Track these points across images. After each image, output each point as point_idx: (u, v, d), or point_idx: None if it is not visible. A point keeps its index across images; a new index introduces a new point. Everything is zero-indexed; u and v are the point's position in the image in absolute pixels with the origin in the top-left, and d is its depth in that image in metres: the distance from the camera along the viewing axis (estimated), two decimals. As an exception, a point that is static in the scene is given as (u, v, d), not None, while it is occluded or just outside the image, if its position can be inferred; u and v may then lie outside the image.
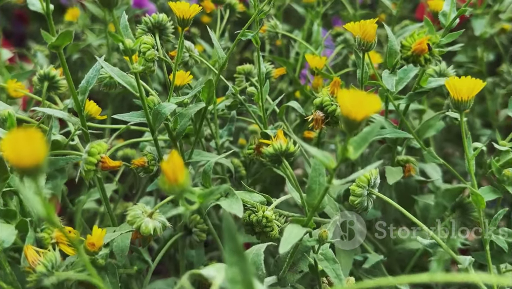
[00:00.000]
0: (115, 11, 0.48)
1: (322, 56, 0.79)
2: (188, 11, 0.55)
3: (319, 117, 0.65)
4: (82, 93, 0.55)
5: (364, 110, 0.38)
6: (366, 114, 0.38)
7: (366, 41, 0.57)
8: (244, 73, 0.75)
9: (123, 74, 0.54)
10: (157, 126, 0.58)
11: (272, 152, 0.51)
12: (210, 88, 0.63)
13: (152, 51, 0.63)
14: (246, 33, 0.61)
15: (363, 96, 0.38)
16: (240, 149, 0.85)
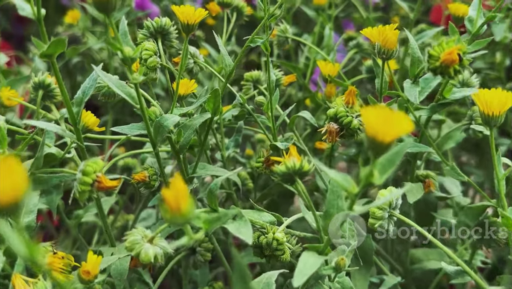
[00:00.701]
0: (113, 16, 0.43)
1: (335, 63, 0.74)
2: (193, 16, 0.50)
3: (333, 130, 0.61)
4: (78, 105, 0.51)
5: (393, 131, 0.33)
6: (396, 136, 0.33)
7: (387, 48, 0.53)
8: (252, 80, 0.70)
9: (122, 84, 0.49)
10: (159, 140, 0.54)
11: (284, 171, 0.46)
12: (216, 98, 0.58)
13: (154, 59, 0.58)
14: (256, 39, 0.57)
15: (391, 115, 0.34)
16: (247, 160, 0.81)
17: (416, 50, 0.55)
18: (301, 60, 0.93)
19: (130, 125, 0.56)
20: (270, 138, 0.65)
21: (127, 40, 0.48)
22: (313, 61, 0.86)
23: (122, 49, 0.45)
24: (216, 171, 0.63)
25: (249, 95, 0.70)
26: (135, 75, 0.47)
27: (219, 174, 0.63)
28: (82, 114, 0.55)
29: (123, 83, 0.50)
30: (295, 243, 0.56)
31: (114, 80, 0.49)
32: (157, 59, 0.59)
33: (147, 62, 0.58)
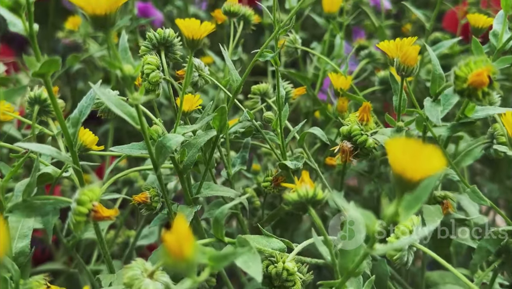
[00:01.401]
0: (112, 31, 0.40)
1: (348, 75, 0.70)
2: (198, 30, 0.47)
3: (346, 149, 0.57)
4: (74, 125, 0.47)
5: (423, 169, 0.30)
6: (426, 174, 0.30)
7: (406, 65, 0.49)
8: (259, 93, 0.67)
9: (121, 103, 0.46)
10: (161, 161, 0.50)
11: (296, 199, 0.43)
12: (223, 115, 0.55)
13: (156, 73, 0.55)
14: (265, 54, 0.53)
15: (420, 150, 0.30)
16: (254, 175, 0.77)
17: (438, 67, 0.51)
18: (309, 69, 0.89)
19: (130, 145, 0.53)
20: (279, 157, 0.61)
21: (127, 57, 0.44)
22: (323, 71, 0.82)
23: (122, 68, 0.42)
24: (222, 191, 0.60)
25: (257, 109, 0.67)
26: (135, 95, 0.43)
27: (226, 194, 0.59)
28: (79, 132, 0.51)
29: (123, 102, 0.46)
30: (306, 270, 0.53)
31: (113, 99, 0.46)
32: (159, 74, 0.55)
33: (149, 77, 0.55)
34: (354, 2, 0.90)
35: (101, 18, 0.38)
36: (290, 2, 0.85)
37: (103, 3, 0.37)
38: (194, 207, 0.57)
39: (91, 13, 0.38)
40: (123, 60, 0.44)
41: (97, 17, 0.38)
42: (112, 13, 0.38)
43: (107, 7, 0.38)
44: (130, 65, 0.43)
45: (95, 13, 0.38)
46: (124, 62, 0.44)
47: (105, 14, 0.38)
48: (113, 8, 0.38)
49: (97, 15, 0.38)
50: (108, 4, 0.37)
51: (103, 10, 0.38)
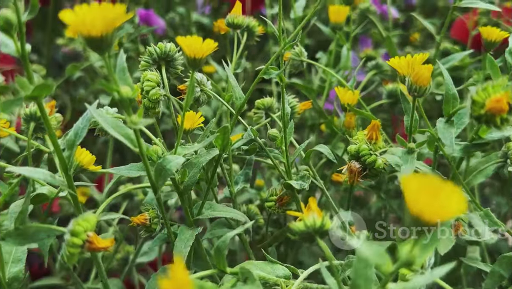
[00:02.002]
0: (108, 53, 0.38)
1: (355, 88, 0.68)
2: (200, 49, 0.44)
3: (355, 169, 0.55)
4: (69, 148, 0.45)
5: (443, 212, 0.27)
6: (446, 218, 0.27)
7: (419, 86, 0.47)
8: (263, 108, 0.64)
9: (119, 125, 0.43)
10: (161, 184, 0.48)
11: (303, 230, 0.40)
12: (225, 134, 0.53)
13: (156, 91, 0.53)
14: (270, 71, 0.51)
15: (440, 189, 0.28)
16: (257, 190, 0.75)
17: (451, 86, 0.49)
18: (315, 80, 0.87)
19: (129, 166, 0.51)
20: (284, 175, 0.59)
21: (125, 77, 0.42)
22: (329, 83, 0.80)
23: (119, 90, 0.40)
24: (225, 212, 0.57)
25: (260, 124, 0.64)
26: (134, 118, 0.41)
27: (229, 215, 0.57)
28: (76, 151, 0.49)
29: (120, 123, 0.44)
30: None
31: (109, 120, 0.43)
32: (160, 91, 0.53)
33: (149, 94, 0.53)
34: (360, 11, 0.88)
35: (97, 40, 0.36)
36: (296, 12, 0.83)
37: (99, 24, 0.35)
38: (195, 230, 0.54)
39: (86, 34, 0.36)
40: (120, 81, 0.42)
41: (92, 39, 0.36)
42: (108, 34, 0.36)
43: (103, 28, 0.35)
44: (128, 87, 0.41)
45: (90, 35, 0.35)
46: (122, 83, 0.41)
47: (101, 35, 0.36)
48: (109, 29, 0.36)
49: (93, 37, 0.36)
50: (105, 25, 0.35)
51: (98, 31, 0.35)
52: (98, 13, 0.35)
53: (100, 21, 0.35)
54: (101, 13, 0.35)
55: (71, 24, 0.35)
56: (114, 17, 0.35)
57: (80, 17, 0.35)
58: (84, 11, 0.35)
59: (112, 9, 0.35)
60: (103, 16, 0.35)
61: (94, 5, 0.35)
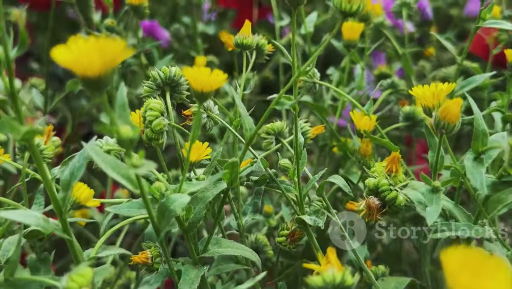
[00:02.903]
0: (105, 93, 0.34)
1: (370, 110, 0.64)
2: (208, 83, 0.40)
3: (373, 206, 0.51)
4: (65, 189, 0.41)
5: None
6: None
7: (447, 122, 0.43)
8: (274, 133, 0.60)
9: (118, 165, 0.40)
10: (164, 226, 0.44)
11: (321, 286, 0.37)
12: (234, 168, 0.49)
13: (160, 120, 0.49)
14: (283, 101, 0.47)
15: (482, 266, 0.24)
16: (266, 218, 0.71)
17: (481, 122, 0.45)
18: (326, 98, 0.83)
19: (129, 204, 0.47)
20: (296, 210, 0.55)
21: (126, 114, 0.38)
22: (341, 102, 0.76)
23: (118, 131, 0.36)
24: (233, 248, 0.53)
25: (271, 150, 0.60)
26: (135, 160, 0.37)
27: (237, 253, 0.53)
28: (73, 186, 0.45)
29: (119, 162, 0.40)
30: None
31: (108, 160, 0.39)
32: (164, 120, 0.49)
33: (152, 125, 0.49)
34: (374, 26, 0.84)
35: (94, 80, 0.32)
36: (306, 27, 0.79)
37: (97, 64, 0.31)
38: (201, 269, 0.51)
39: (82, 74, 0.32)
40: (120, 119, 0.38)
41: (89, 79, 0.32)
42: (107, 74, 0.32)
43: (101, 68, 0.31)
44: (129, 126, 0.37)
45: (87, 76, 0.32)
46: (122, 121, 0.38)
47: (99, 75, 0.32)
48: (108, 69, 0.32)
49: (89, 78, 0.32)
50: (103, 64, 0.31)
51: (96, 71, 0.32)
52: (95, 52, 0.31)
53: (98, 60, 0.31)
54: (99, 51, 0.31)
55: (65, 64, 0.31)
56: (114, 56, 0.31)
57: (75, 56, 0.31)
58: (80, 48, 0.31)
59: (112, 46, 0.31)
60: (102, 55, 0.31)
61: (92, 40, 0.32)
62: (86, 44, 0.31)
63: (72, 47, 0.32)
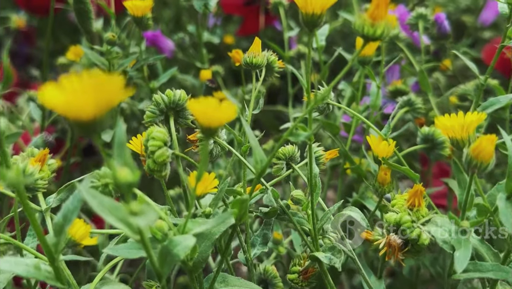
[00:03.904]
0: (101, 136, 0.30)
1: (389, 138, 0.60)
2: (216, 117, 0.36)
3: (395, 244, 0.47)
4: (57, 234, 0.37)
5: None
6: None
7: (480, 161, 0.38)
8: (285, 158, 0.56)
9: (117, 207, 0.35)
10: (166, 271, 0.40)
11: None
12: (243, 204, 0.45)
13: (163, 151, 0.45)
14: (298, 133, 0.43)
15: None
16: (275, 245, 0.67)
17: (517, 159, 0.41)
18: (338, 115, 0.79)
19: (128, 244, 0.43)
20: (310, 246, 0.51)
21: (124, 154, 0.34)
22: (355, 121, 0.72)
23: (116, 175, 0.32)
24: (240, 286, 0.49)
25: (281, 177, 0.56)
26: (134, 207, 0.33)
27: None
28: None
29: (118, 205, 0.36)
30: None
31: (106, 202, 0.35)
32: (167, 151, 0.45)
33: (155, 156, 0.45)
34: (389, 39, 0.79)
35: (88, 124, 0.28)
36: (318, 41, 0.75)
37: (91, 107, 0.27)
38: (207, 310, 0.47)
39: (74, 118, 0.28)
40: (118, 159, 0.34)
41: (82, 123, 0.28)
42: (102, 116, 0.28)
43: (96, 111, 0.27)
44: (127, 169, 0.33)
45: (80, 119, 0.28)
46: (120, 161, 0.34)
47: (94, 118, 0.28)
48: (103, 111, 0.28)
49: (82, 121, 0.28)
50: (98, 107, 0.27)
51: (90, 115, 0.27)
52: (90, 93, 0.27)
53: (93, 102, 0.27)
54: (95, 92, 0.27)
55: (55, 106, 0.27)
56: (111, 97, 0.27)
57: (67, 98, 0.27)
58: (73, 88, 0.27)
59: (109, 85, 0.27)
60: (97, 96, 0.27)
61: (86, 79, 0.28)
62: (80, 83, 0.27)
63: (65, 87, 0.28)
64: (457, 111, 0.83)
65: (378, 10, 0.37)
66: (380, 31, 0.38)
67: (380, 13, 0.38)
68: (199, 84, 0.90)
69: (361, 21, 0.38)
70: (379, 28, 0.38)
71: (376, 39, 0.38)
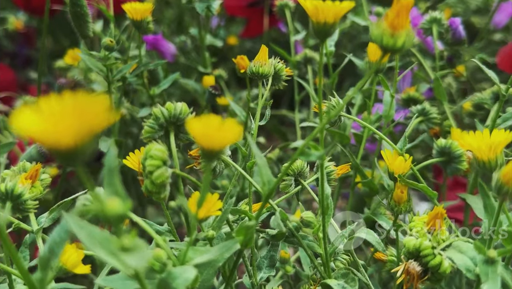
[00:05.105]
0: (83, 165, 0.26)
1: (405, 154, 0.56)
2: (218, 139, 0.32)
3: (414, 272, 0.43)
4: (42, 268, 0.33)
5: None
6: None
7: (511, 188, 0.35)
8: (293, 174, 0.53)
9: (107, 239, 0.32)
10: (165, 307, 0.36)
11: None
12: (249, 230, 0.41)
13: (162, 172, 0.41)
14: (309, 152, 0.39)
15: None
16: (282, 264, 0.63)
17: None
18: (348, 124, 0.75)
19: (123, 276, 0.39)
20: (321, 272, 0.47)
21: (114, 183, 0.30)
22: (367, 131, 0.68)
23: (104, 208, 0.28)
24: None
25: (290, 194, 0.53)
26: (126, 243, 0.29)
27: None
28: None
29: (109, 237, 0.32)
30: None
31: (96, 235, 0.32)
32: (167, 171, 0.41)
33: (153, 177, 0.41)
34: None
35: (68, 153, 0.24)
36: (327, 46, 0.71)
37: (70, 133, 0.23)
38: None
39: (53, 146, 0.24)
40: (108, 188, 0.30)
41: (61, 152, 0.24)
42: (85, 144, 0.24)
43: (77, 137, 0.24)
44: (118, 199, 0.29)
45: (59, 146, 0.24)
46: (110, 191, 0.30)
47: (75, 147, 0.24)
48: (85, 138, 0.24)
49: (62, 149, 0.24)
50: (78, 133, 0.24)
51: (70, 142, 0.24)
52: (70, 117, 0.23)
53: (73, 129, 0.23)
54: (76, 116, 0.23)
55: (30, 134, 0.23)
56: (94, 122, 0.24)
57: (45, 124, 0.23)
58: (52, 111, 0.24)
59: (92, 108, 0.24)
60: (78, 122, 0.23)
61: (66, 102, 0.24)
62: (61, 106, 0.24)
63: (42, 110, 0.24)
64: (471, 119, 0.80)
65: (398, 18, 0.34)
66: (401, 43, 0.34)
67: (401, 22, 0.34)
68: (201, 90, 0.87)
69: (380, 31, 0.34)
70: (399, 38, 0.34)
71: (396, 51, 0.35)
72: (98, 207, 0.28)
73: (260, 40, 1.14)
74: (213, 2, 0.79)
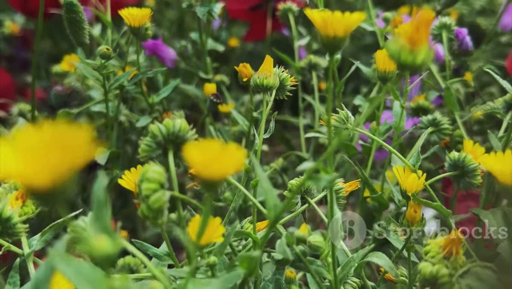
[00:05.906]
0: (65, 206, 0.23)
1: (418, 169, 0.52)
2: (219, 167, 0.29)
3: (430, 302, 0.40)
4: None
5: None
6: None
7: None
8: (299, 191, 0.50)
9: (96, 279, 0.29)
10: None
11: None
12: (253, 260, 0.38)
13: (159, 196, 0.38)
14: (318, 177, 0.36)
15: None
16: (288, 285, 0.60)
17: None
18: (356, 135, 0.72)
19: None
20: (329, 299, 0.44)
21: (103, 217, 0.27)
22: (375, 144, 0.65)
23: (90, 246, 0.25)
24: None
25: (296, 213, 0.50)
26: (115, 284, 0.26)
27: None
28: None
29: (98, 274, 0.29)
30: None
31: (84, 271, 0.28)
32: (165, 195, 0.38)
33: (149, 202, 0.38)
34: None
35: (46, 193, 0.21)
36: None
37: (47, 172, 0.20)
38: None
39: (28, 187, 0.21)
40: (96, 223, 0.27)
41: (38, 192, 0.21)
42: (65, 182, 0.21)
43: (55, 176, 0.21)
44: (106, 236, 0.26)
45: (35, 187, 0.21)
46: (98, 227, 0.27)
47: (53, 186, 0.21)
48: (65, 177, 0.21)
49: (38, 190, 0.21)
50: (56, 172, 0.21)
51: (47, 182, 0.21)
52: (49, 153, 0.20)
53: (52, 166, 0.20)
54: (55, 152, 0.20)
55: (6, 175, 0.20)
56: (75, 157, 0.21)
57: (20, 164, 0.20)
58: (29, 146, 0.21)
59: (73, 141, 0.21)
60: (58, 158, 0.20)
61: (45, 132, 0.21)
62: (36, 140, 0.21)
63: (17, 142, 0.21)
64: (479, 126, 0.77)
65: (418, 33, 0.30)
66: (421, 59, 0.31)
67: (421, 37, 0.31)
68: (202, 97, 0.83)
69: (397, 46, 0.31)
70: (419, 55, 0.31)
71: (415, 68, 0.31)
72: (85, 247, 0.25)
73: (262, 42, 1.11)
74: (214, 6, 0.76)
